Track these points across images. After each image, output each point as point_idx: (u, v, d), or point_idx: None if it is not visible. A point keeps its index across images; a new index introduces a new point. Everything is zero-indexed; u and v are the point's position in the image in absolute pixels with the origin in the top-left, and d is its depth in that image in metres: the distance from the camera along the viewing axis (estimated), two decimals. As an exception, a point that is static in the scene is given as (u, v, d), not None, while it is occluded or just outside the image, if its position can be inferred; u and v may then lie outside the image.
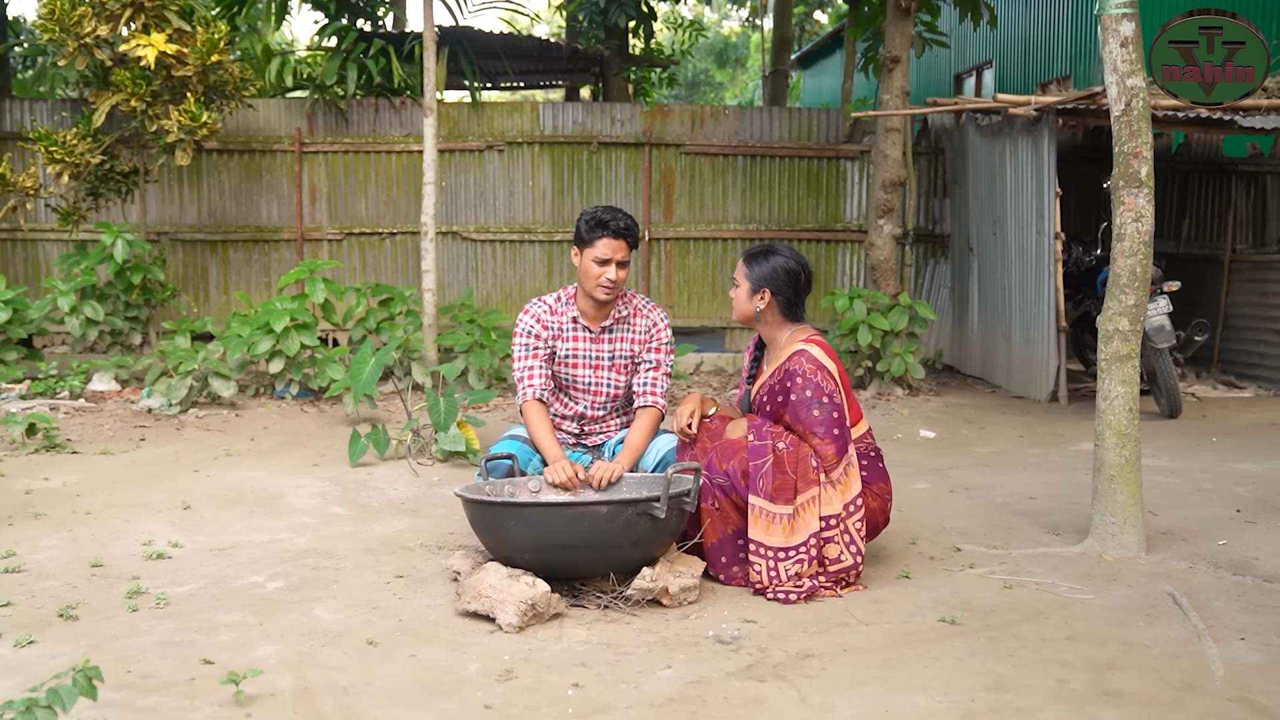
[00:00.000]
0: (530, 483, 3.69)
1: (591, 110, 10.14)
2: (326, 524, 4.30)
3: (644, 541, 3.19)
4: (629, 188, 10.06)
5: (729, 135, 10.18)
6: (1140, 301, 3.92)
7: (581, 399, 4.06)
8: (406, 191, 9.87)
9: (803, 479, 3.38)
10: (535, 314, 4.03)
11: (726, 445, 3.49)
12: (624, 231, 3.83)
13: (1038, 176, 7.99)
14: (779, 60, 15.10)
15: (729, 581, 3.47)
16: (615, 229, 3.82)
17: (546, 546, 3.11)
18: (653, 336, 4.03)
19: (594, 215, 3.86)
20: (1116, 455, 3.88)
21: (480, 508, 3.23)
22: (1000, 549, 3.94)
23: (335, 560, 3.76)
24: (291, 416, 6.87)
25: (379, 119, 9.91)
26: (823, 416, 3.40)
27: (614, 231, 3.82)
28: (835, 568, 3.40)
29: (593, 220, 3.85)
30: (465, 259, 9.98)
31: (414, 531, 4.18)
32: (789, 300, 3.59)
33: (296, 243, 9.77)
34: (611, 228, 3.82)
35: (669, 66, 13.60)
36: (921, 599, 3.35)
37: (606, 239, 3.81)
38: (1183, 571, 3.65)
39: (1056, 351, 7.83)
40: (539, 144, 9.98)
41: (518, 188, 9.99)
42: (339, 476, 5.19)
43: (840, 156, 10.21)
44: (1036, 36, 12.42)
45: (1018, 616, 3.17)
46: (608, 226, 3.82)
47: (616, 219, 3.84)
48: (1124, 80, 3.95)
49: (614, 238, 3.81)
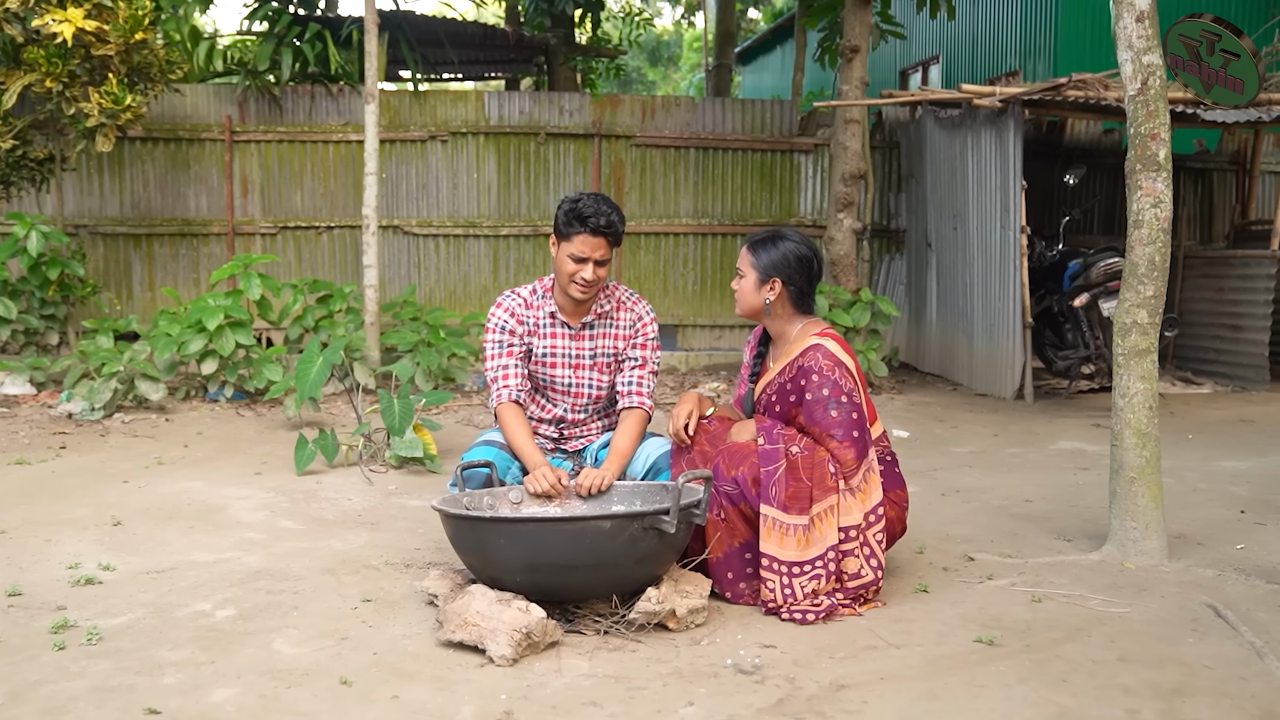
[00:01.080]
0: (511, 493, 3.33)
1: (539, 100, 9.76)
2: (277, 540, 3.88)
3: (649, 559, 2.85)
4: (578, 180, 9.70)
5: (680, 127, 9.87)
6: (1159, 292, 3.69)
7: (561, 401, 3.71)
8: (345, 183, 9.39)
9: (819, 486, 3.07)
10: (508, 307, 3.66)
11: (734, 449, 3.17)
12: (604, 229, 3.42)
13: (1002, 169, 7.82)
14: (722, 55, 14.87)
15: (736, 600, 3.15)
16: (595, 227, 3.41)
17: (541, 567, 2.76)
18: (638, 332, 3.69)
19: (573, 207, 3.46)
20: (1137, 456, 3.64)
21: (464, 524, 2.86)
22: (1015, 558, 3.68)
23: (292, 582, 3.35)
24: (227, 421, 6.39)
25: (315, 107, 9.42)
26: (841, 417, 3.10)
27: (593, 229, 3.41)
28: (854, 584, 3.10)
29: (571, 212, 3.45)
30: (407, 254, 9.53)
31: (376, 547, 3.79)
32: (801, 290, 3.28)
33: (227, 237, 9.23)
34: (590, 225, 3.41)
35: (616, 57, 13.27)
36: (948, 616, 3.06)
37: (584, 236, 3.42)
38: (1212, 580, 3.42)
39: (1022, 348, 7.67)
40: (484, 134, 9.57)
41: (462, 180, 9.57)
42: (285, 486, 4.76)
43: (794, 149, 9.97)
44: (984, 32, 12.34)
45: (1057, 635, 2.90)
46: (586, 223, 3.41)
47: (598, 215, 3.41)
48: (1139, 57, 3.72)
49: (593, 235, 3.41)
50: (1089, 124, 10.28)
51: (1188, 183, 10.72)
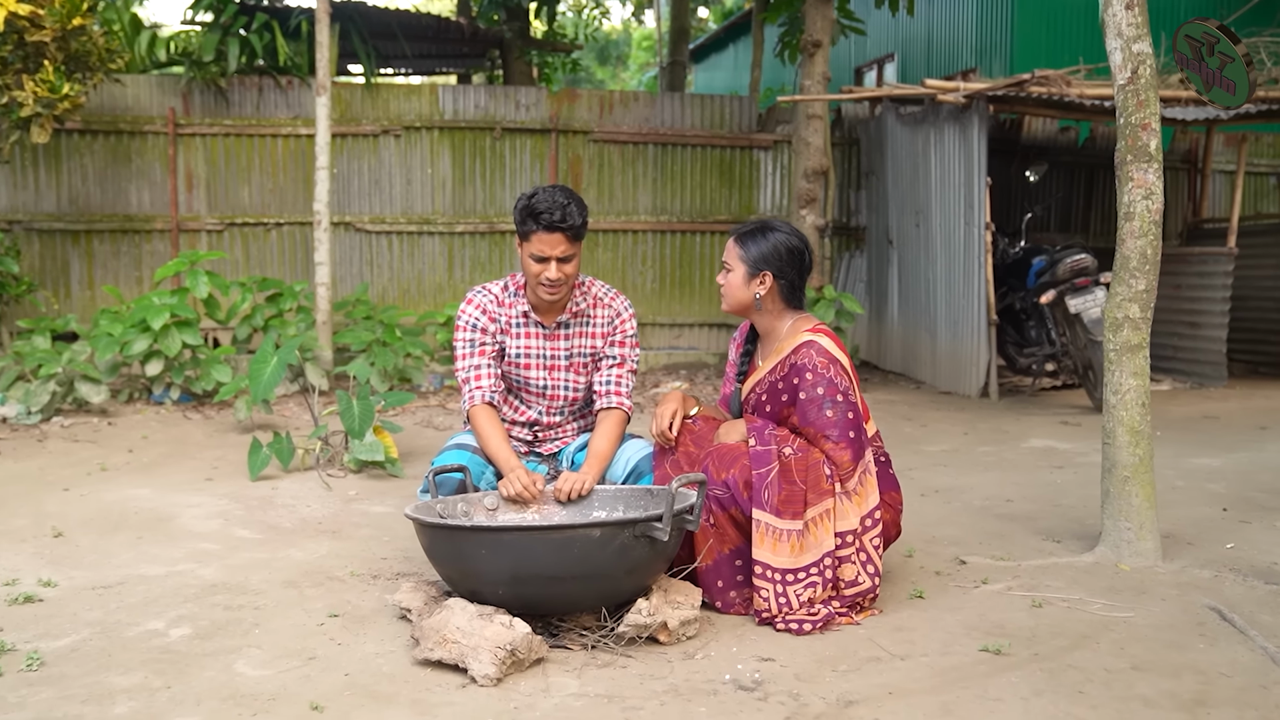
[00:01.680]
0: (486, 499, 3.14)
1: (494, 94, 9.54)
2: (233, 550, 3.65)
3: (640, 569, 2.68)
4: (534, 176, 9.50)
5: (639, 122, 9.72)
6: (1151, 286, 3.60)
7: (535, 403, 3.53)
8: (294, 179, 9.10)
9: (814, 489, 2.93)
10: (480, 304, 3.47)
11: (724, 451, 3.01)
12: (560, 224, 3.18)
13: (966, 166, 7.76)
14: (677, 51, 14.71)
15: (727, 609, 2.99)
16: (549, 223, 3.17)
17: (526, 578, 2.58)
18: (616, 329, 3.51)
19: (526, 203, 3.23)
20: (1130, 454, 3.55)
21: (442, 534, 2.67)
22: (1007, 560, 3.57)
23: (251, 597, 3.13)
24: (173, 424, 6.12)
25: (263, 100, 9.11)
26: (837, 417, 2.96)
27: (548, 225, 3.18)
28: (851, 591, 2.96)
29: (524, 210, 3.23)
30: (359, 251, 9.26)
31: (339, 557, 3.58)
32: (792, 284, 3.13)
33: (171, 233, 8.90)
34: (544, 222, 3.18)
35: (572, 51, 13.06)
36: (949, 624, 2.93)
37: (540, 233, 3.19)
38: (1210, 581, 3.33)
39: (987, 345, 7.61)
40: (438, 129, 9.33)
41: (415, 175, 9.33)
42: (239, 492, 4.53)
43: (753, 146, 9.86)
44: (940, 30, 12.33)
45: (1064, 642, 2.77)
46: (540, 219, 3.18)
47: (552, 209, 3.18)
48: (1129, 45, 3.62)
49: (549, 231, 3.18)
50: (1045, 122, 10.30)
51: (1142, 181, 10.78)
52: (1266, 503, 4.48)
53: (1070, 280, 6.98)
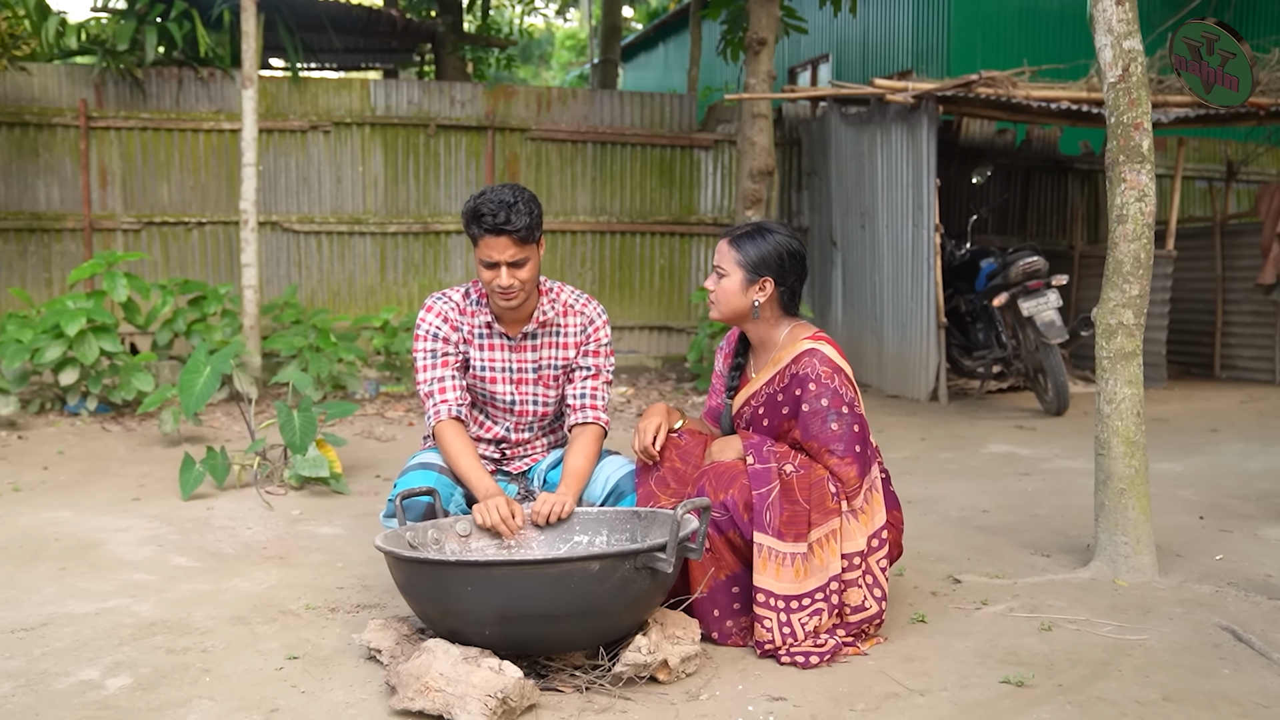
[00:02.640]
0: (458, 525, 2.88)
1: (429, 89, 9.21)
2: (170, 582, 3.32)
3: (639, 603, 2.45)
4: (470, 175, 9.20)
5: (577, 120, 9.48)
6: (1145, 291, 3.48)
7: (502, 419, 3.27)
8: (217, 176, 8.66)
9: (818, 509, 2.73)
10: (440, 311, 3.20)
11: (720, 470, 2.79)
12: (505, 226, 2.91)
13: (914, 167, 7.68)
14: (608, 50, 14.51)
15: (724, 641, 2.77)
16: (492, 225, 2.91)
17: (517, 617, 2.32)
18: (589, 338, 3.28)
19: (470, 206, 2.97)
20: (1125, 466, 3.42)
21: (422, 570, 2.40)
22: (1002, 578, 3.41)
23: (197, 637, 2.82)
24: (92, 437, 5.70)
25: (183, 92, 8.66)
26: (842, 430, 2.76)
27: (490, 228, 2.92)
28: (857, 617, 2.76)
29: (469, 213, 2.97)
30: (286, 252, 8.85)
31: (290, 587, 3.27)
32: (792, 290, 2.92)
33: (84, 233, 8.41)
34: (487, 225, 2.92)
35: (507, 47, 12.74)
36: (960, 651, 2.75)
37: (485, 237, 2.94)
38: (1212, 597, 3.22)
39: (936, 348, 7.54)
40: (370, 125, 8.98)
41: (346, 173, 8.96)
42: (171, 514, 4.18)
43: (694, 145, 9.69)
44: (876, 31, 12.31)
45: (1085, 671, 2.62)
46: (483, 222, 2.92)
47: (495, 210, 2.91)
48: (1120, 42, 3.50)
49: (493, 234, 2.92)
50: (983, 124, 10.31)
51: (1075, 183, 10.88)
52: (1239, 510, 4.42)
53: (1023, 283, 6.93)
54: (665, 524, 2.74)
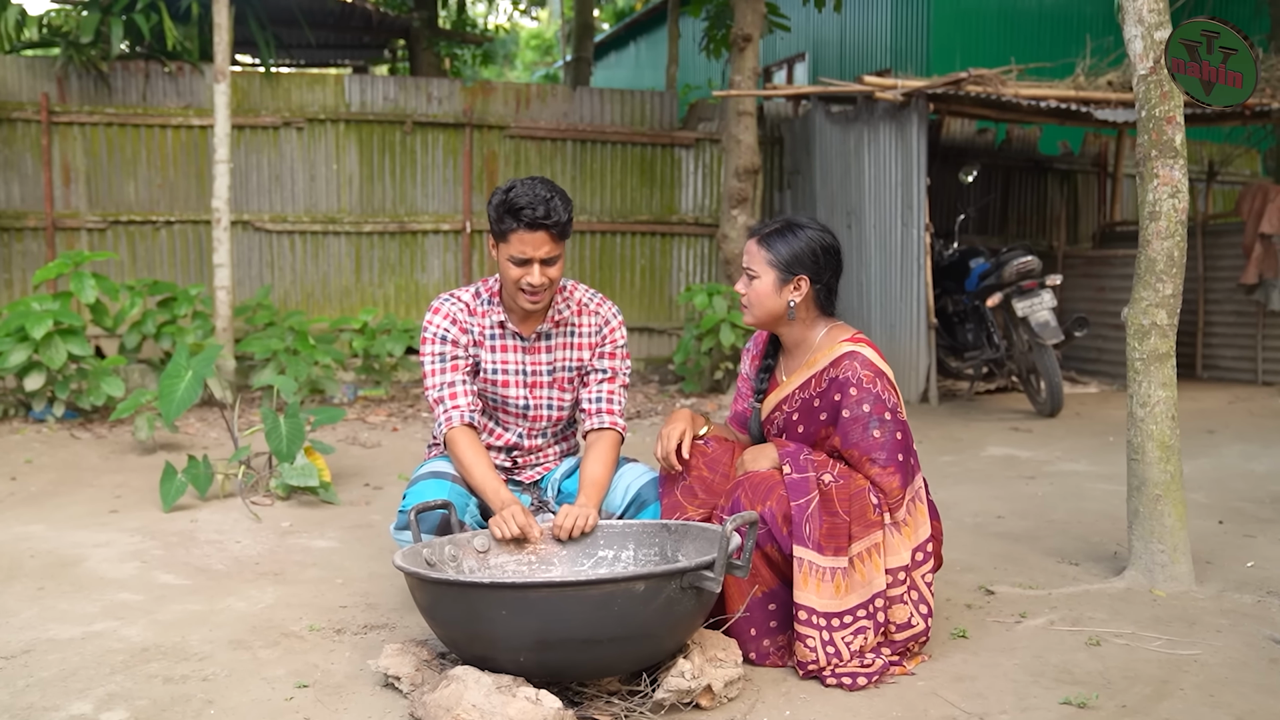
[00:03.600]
0: (476, 540, 2.70)
1: (405, 86, 8.98)
2: (160, 602, 3.11)
3: (684, 624, 2.29)
4: (448, 173, 8.99)
5: (557, 118, 9.30)
6: (1178, 291, 3.37)
7: (514, 425, 3.10)
8: (186, 173, 8.39)
9: (859, 521, 2.57)
10: (448, 313, 3.02)
11: (757, 480, 2.63)
12: (544, 221, 2.76)
13: (904, 165, 7.58)
14: (581, 48, 14.30)
15: (761, 661, 2.61)
16: (532, 220, 2.75)
17: (556, 643, 2.15)
18: (605, 339, 3.12)
19: (505, 198, 2.79)
20: (1161, 471, 3.31)
21: (451, 592, 2.22)
22: (1035, 589, 3.28)
23: (195, 664, 2.62)
24: (61, 445, 5.44)
25: (150, 87, 8.38)
26: (885, 437, 2.61)
27: (530, 223, 2.76)
28: (903, 635, 2.61)
29: (503, 205, 2.79)
30: (258, 252, 8.59)
31: (290, 607, 3.07)
32: (829, 288, 2.77)
33: (46, 232, 8.10)
34: (526, 218, 2.75)
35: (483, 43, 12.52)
36: (1009, 670, 2.61)
37: (521, 232, 2.77)
38: (1254, 608, 3.11)
39: (927, 349, 7.44)
40: (345, 122, 8.74)
41: (320, 171, 8.71)
42: (153, 527, 3.95)
43: (675, 144, 9.53)
44: (854, 30, 12.23)
45: (1146, 689, 2.48)
46: (521, 216, 2.75)
47: (534, 204, 2.75)
48: (1151, 33, 3.38)
49: (530, 230, 2.77)
50: (964, 123, 10.25)
51: (1054, 184, 10.85)
52: (1257, 513, 4.34)
53: (1017, 283, 6.84)
54: (698, 538, 2.59)
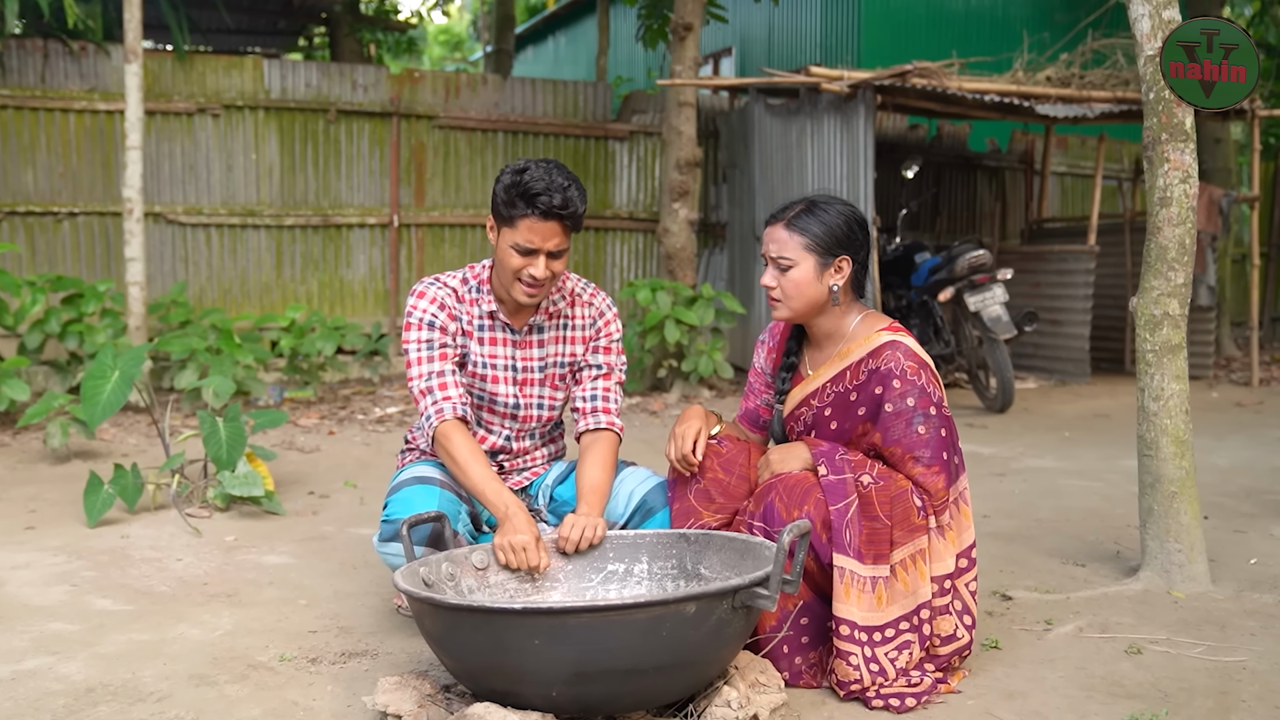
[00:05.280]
0: (474, 556, 2.43)
1: (329, 72, 8.54)
2: (100, 631, 2.74)
3: (729, 648, 2.05)
4: (374, 164, 8.58)
5: (488, 108, 8.95)
6: (1188, 279, 3.24)
7: (501, 426, 2.82)
8: (91, 161, 7.83)
9: (901, 525, 2.36)
10: (436, 298, 2.74)
11: (791, 483, 2.39)
12: (561, 211, 2.52)
13: (850, 158, 7.45)
14: (502, 39, 13.96)
15: (794, 681, 2.38)
16: (547, 208, 2.49)
17: (596, 674, 1.89)
18: (600, 333, 2.87)
19: (517, 179, 2.52)
20: (1176, 467, 3.17)
21: (474, 619, 1.93)
22: (1052, 593, 3.12)
23: (153, 705, 2.27)
24: (-39, 455, 4.95)
25: (49, 68, 7.79)
26: (930, 434, 2.40)
27: (545, 211, 2.50)
28: (948, 649, 2.41)
29: (515, 187, 2.52)
30: (171, 247, 8.07)
31: (252, 633, 2.74)
32: (864, 266, 2.55)
33: (-65, 223, 7.47)
34: (541, 205, 2.49)
35: (407, 30, 12.06)
36: (1056, 683, 2.43)
37: (532, 220, 2.52)
38: (1276, 607, 2.99)
39: (874, 346, 7.31)
40: (264, 109, 8.26)
41: (238, 161, 8.22)
42: (79, 545, 3.55)
43: (609, 136, 9.27)
44: (781, 25, 12.11)
45: (1208, 702, 2.32)
46: (536, 202, 2.49)
47: (552, 191, 2.50)
48: (1159, 12, 3.26)
49: (544, 219, 2.51)
50: (896, 119, 10.22)
51: (983, 181, 10.90)
52: (1237, 508, 4.27)
53: (968, 277, 6.75)
54: (723, 549, 2.36)
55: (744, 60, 12.78)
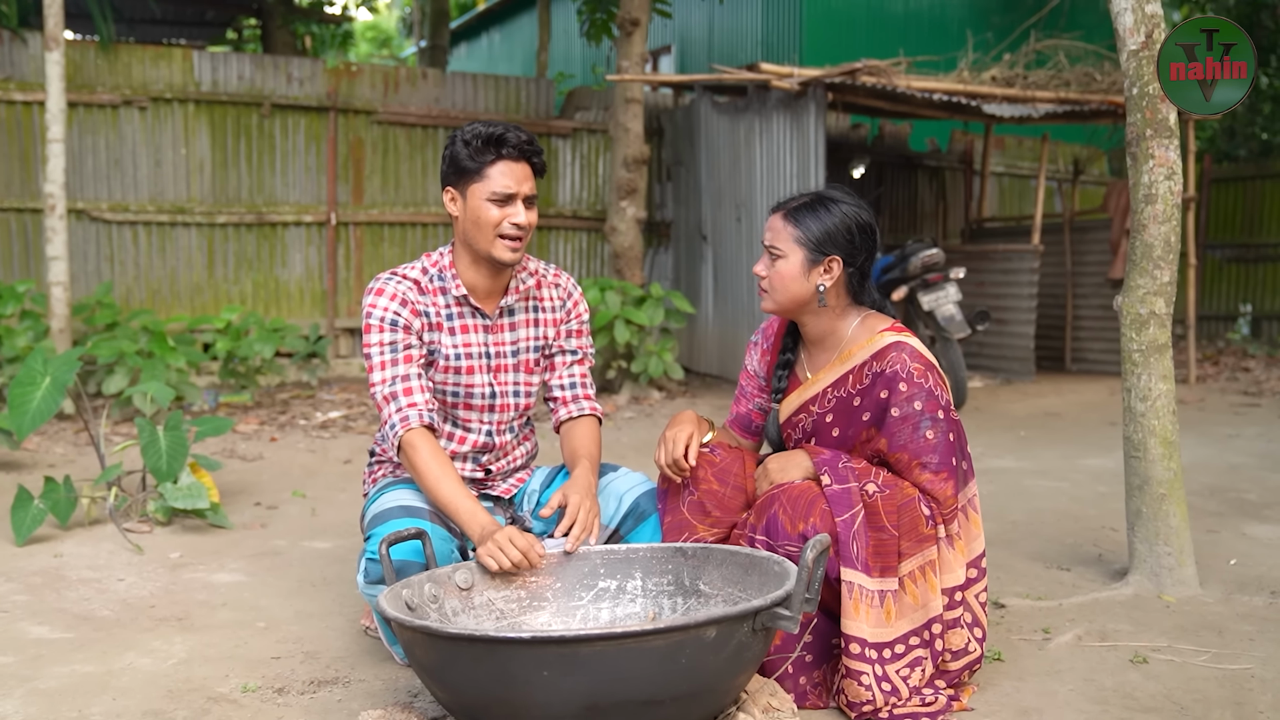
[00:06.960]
0: (457, 575, 2.25)
1: (262, 65, 8.24)
2: (38, 663, 2.51)
3: (746, 672, 1.91)
4: (310, 160, 8.30)
5: (428, 103, 8.72)
6: (1174, 278, 3.19)
7: (479, 421, 2.65)
8: (7, 155, 7.44)
9: (909, 535, 2.25)
10: (396, 294, 2.55)
11: (795, 494, 2.26)
12: (529, 148, 2.48)
13: (800, 156, 7.37)
14: (436, 35, 13.70)
15: (799, 703, 2.24)
16: (517, 145, 2.45)
17: (609, 707, 1.73)
18: (570, 315, 2.73)
19: (478, 132, 2.46)
20: (1164, 469, 3.11)
21: (475, 649, 1.76)
22: (1043, 600, 3.04)
23: (106, 746, 2.07)
24: (-128, 468, 4.61)
25: (-38, 56, 7.38)
26: (938, 439, 2.29)
27: (515, 148, 2.45)
28: (959, 663, 2.30)
29: (478, 138, 2.44)
30: (96, 245, 7.71)
31: (208, 661, 2.53)
32: (862, 272, 2.43)
33: None
34: (511, 142, 2.44)
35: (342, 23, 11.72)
36: (1068, 696, 2.34)
37: (506, 163, 2.44)
38: (1270, 610, 2.95)
39: (826, 345, 7.25)
40: (194, 102, 7.93)
41: (166, 156, 7.88)
42: (7, 565, 3.29)
43: (552, 133, 9.09)
44: (723, 23, 12.03)
45: (1225, 714, 2.25)
46: (504, 143, 2.44)
47: (518, 131, 2.47)
48: (1142, 6, 3.20)
49: (516, 159, 2.46)
50: (838, 118, 10.20)
51: (924, 180, 10.94)
52: (1204, 506, 4.25)
53: (922, 276, 6.72)
54: (724, 564, 2.23)
55: (684, 58, 12.68)
